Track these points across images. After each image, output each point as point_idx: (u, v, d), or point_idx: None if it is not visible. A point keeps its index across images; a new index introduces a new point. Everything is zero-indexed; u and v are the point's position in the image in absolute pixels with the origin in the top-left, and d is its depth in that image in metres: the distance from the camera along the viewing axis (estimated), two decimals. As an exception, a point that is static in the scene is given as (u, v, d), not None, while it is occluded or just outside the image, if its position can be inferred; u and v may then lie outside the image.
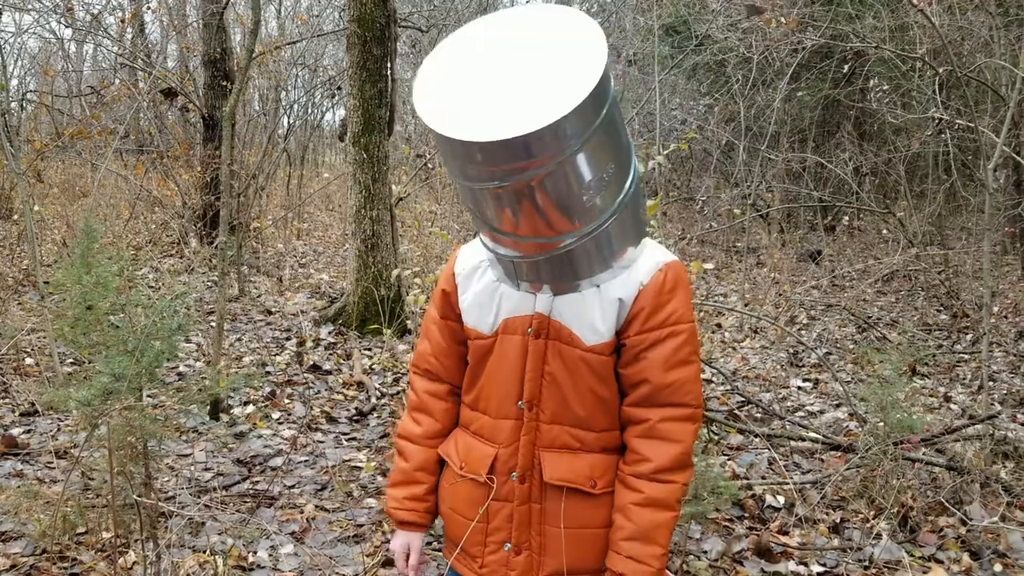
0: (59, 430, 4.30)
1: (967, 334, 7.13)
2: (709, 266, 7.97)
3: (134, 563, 2.90)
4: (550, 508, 1.72)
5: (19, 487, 3.18)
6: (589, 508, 1.72)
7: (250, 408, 4.87)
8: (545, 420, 1.71)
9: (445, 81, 1.52)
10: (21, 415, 4.51)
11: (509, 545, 1.75)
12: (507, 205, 1.52)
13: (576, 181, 1.49)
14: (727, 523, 3.52)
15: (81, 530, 3.07)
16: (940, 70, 6.60)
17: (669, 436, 1.65)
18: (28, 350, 5.51)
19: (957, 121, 7.13)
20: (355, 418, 4.91)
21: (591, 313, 1.66)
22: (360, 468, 4.10)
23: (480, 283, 1.76)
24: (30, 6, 10.09)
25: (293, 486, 3.87)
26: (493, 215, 1.57)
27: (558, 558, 1.72)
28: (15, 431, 4.23)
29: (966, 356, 6.50)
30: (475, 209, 1.60)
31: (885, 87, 11.29)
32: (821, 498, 3.70)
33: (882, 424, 3.69)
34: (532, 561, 1.74)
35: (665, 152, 4.36)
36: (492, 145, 1.41)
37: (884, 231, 10.74)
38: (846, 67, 10.47)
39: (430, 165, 11.06)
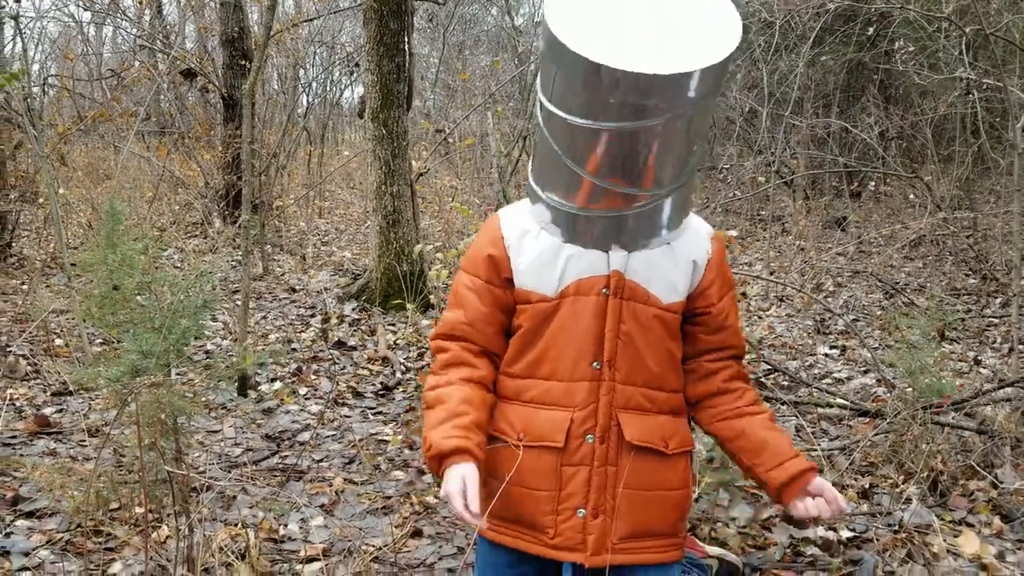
0: (90, 409, 4.36)
1: (997, 298, 7.03)
2: (733, 234, 7.90)
3: (167, 537, 2.94)
4: (623, 470, 1.71)
5: (53, 465, 3.23)
6: (661, 469, 1.73)
7: (277, 384, 4.92)
8: (620, 380, 1.71)
9: (580, 16, 1.53)
10: (52, 395, 4.58)
11: (584, 511, 1.70)
12: (619, 149, 1.56)
13: (694, 132, 1.59)
14: (755, 490, 3.51)
15: (114, 506, 3.11)
16: (967, 30, 6.45)
17: (747, 376, 1.87)
18: (57, 331, 5.59)
19: (984, 81, 6.98)
20: (381, 392, 4.94)
21: (669, 272, 1.73)
22: (387, 441, 4.13)
23: (538, 245, 1.73)
24: (49, -10, 10.11)
25: (321, 460, 3.90)
26: (596, 161, 1.59)
27: (629, 521, 1.71)
28: (47, 411, 4.30)
29: (996, 320, 6.41)
30: (573, 156, 1.61)
31: (911, 49, 11.07)
32: (849, 464, 3.68)
33: (911, 389, 3.66)
34: (606, 525, 1.70)
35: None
36: (655, 79, 1.45)
37: (911, 196, 10.58)
38: (870, 29, 10.28)
39: (450, 140, 11.02)
